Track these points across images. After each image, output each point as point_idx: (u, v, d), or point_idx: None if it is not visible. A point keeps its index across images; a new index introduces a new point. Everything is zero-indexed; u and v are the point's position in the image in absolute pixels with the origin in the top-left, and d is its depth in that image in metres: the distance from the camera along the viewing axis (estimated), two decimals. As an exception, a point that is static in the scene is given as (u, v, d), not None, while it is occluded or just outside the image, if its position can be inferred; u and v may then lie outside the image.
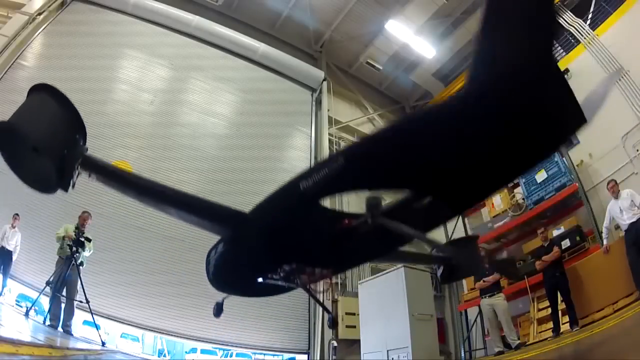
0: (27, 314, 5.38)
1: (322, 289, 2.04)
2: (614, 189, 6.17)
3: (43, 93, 1.44)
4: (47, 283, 5.45)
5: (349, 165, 1.42)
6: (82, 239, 5.70)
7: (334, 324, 2.16)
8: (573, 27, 10.34)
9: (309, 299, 9.46)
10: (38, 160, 1.35)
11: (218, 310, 2.09)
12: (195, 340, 8.05)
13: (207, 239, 8.22)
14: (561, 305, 6.27)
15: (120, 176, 1.72)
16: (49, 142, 1.31)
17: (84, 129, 1.50)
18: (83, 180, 6.63)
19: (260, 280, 1.93)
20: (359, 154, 1.41)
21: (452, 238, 2.48)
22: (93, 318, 5.69)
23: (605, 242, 6.21)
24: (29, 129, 1.28)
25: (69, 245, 5.58)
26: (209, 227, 1.90)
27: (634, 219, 5.69)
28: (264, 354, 8.63)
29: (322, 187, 1.49)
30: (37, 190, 1.57)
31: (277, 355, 8.79)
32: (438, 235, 11.54)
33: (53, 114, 1.40)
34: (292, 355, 8.89)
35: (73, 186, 1.46)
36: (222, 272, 2.00)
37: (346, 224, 1.62)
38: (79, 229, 5.80)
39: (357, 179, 1.48)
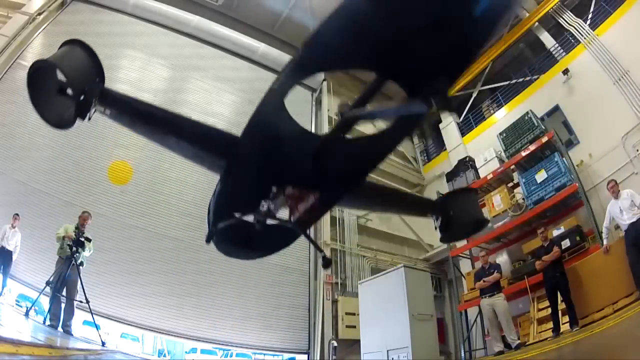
0: (27, 314, 5.38)
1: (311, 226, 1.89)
2: (614, 189, 6.16)
3: (73, 44, 1.74)
4: (47, 283, 5.45)
5: (309, 50, 1.50)
6: (82, 239, 5.70)
7: (327, 263, 2.14)
8: (573, 27, 10.35)
9: (309, 298, 9.48)
10: (61, 100, 1.62)
11: (209, 237, 2.04)
12: (195, 340, 8.05)
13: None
14: (561, 305, 6.27)
15: (134, 106, 1.93)
16: (75, 76, 1.59)
17: (104, 74, 1.81)
18: (83, 180, 6.62)
19: (255, 217, 1.97)
20: (314, 39, 1.48)
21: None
22: (93, 318, 5.68)
23: (605, 242, 6.20)
24: (61, 63, 1.57)
25: (69, 245, 5.57)
26: (206, 158, 1.97)
27: (634, 219, 5.68)
28: (264, 354, 8.63)
29: (290, 77, 1.60)
30: (55, 125, 1.82)
31: (277, 355, 8.79)
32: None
33: (80, 57, 1.69)
34: (292, 355, 8.89)
35: (89, 119, 1.73)
36: (219, 211, 2.03)
37: (323, 138, 1.73)
38: (79, 229, 5.80)
39: (319, 60, 1.55)
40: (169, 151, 2.25)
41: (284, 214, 1.97)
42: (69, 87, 1.58)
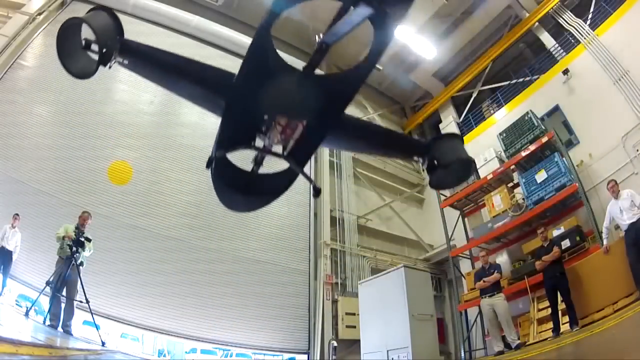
0: (27, 314, 5.38)
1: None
2: (614, 188, 6.15)
3: (97, 9, 2.06)
4: (47, 283, 5.45)
5: None
6: (82, 239, 5.70)
7: (317, 192, 2.16)
8: (573, 27, 10.35)
9: (309, 298, 9.48)
10: (85, 55, 1.89)
11: (208, 162, 2.21)
12: (195, 340, 8.05)
13: (206, 240, 8.26)
14: (561, 305, 6.26)
15: (149, 53, 2.10)
16: (101, 30, 1.88)
17: (123, 31, 2.02)
18: (83, 180, 6.61)
19: (254, 155, 2.20)
20: None
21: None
22: (93, 318, 5.68)
23: (605, 242, 6.20)
24: (90, 20, 1.88)
25: (69, 245, 5.57)
26: (209, 96, 2.15)
27: (633, 219, 5.68)
28: (264, 354, 8.63)
29: (272, 14, 1.70)
30: (78, 75, 2.00)
31: (277, 355, 8.79)
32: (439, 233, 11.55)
33: (104, 17, 1.98)
34: (292, 355, 8.89)
35: (110, 67, 1.94)
36: (220, 144, 2.19)
37: (305, 70, 1.92)
38: (79, 229, 5.79)
39: None
40: (178, 96, 2.43)
41: (278, 149, 2.15)
42: (96, 40, 1.84)
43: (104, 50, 1.85)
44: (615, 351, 3.42)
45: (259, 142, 2.10)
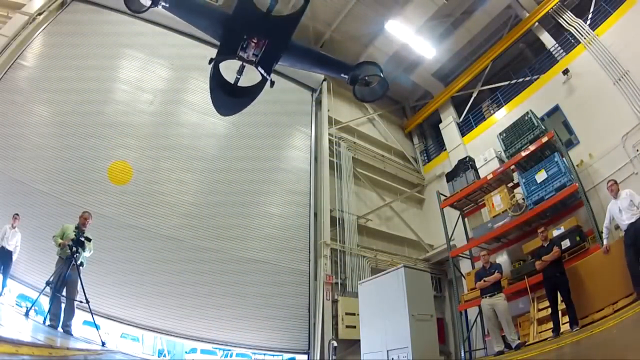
0: (27, 314, 5.38)
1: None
2: (613, 188, 6.12)
3: None
4: (47, 283, 5.44)
5: None
6: (83, 239, 5.69)
7: (272, 84, 3.52)
8: (573, 27, 10.35)
9: (309, 298, 9.47)
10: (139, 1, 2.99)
11: (210, 60, 3.37)
12: (195, 340, 8.05)
13: (206, 240, 8.26)
14: (561, 305, 6.26)
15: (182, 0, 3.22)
16: None
17: None
18: (83, 180, 6.62)
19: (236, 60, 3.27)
20: None
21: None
22: (93, 318, 5.67)
23: (605, 242, 6.19)
24: None
25: (69, 245, 5.57)
26: (215, 27, 3.29)
27: (632, 220, 5.67)
28: (264, 354, 8.63)
29: None
30: (136, 10, 3.06)
31: (277, 355, 8.79)
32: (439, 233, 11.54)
33: None
34: (292, 355, 8.89)
35: (157, 6, 2.99)
36: (218, 54, 3.32)
37: (266, 12, 3.06)
38: (79, 229, 5.79)
39: None
40: (194, 27, 3.44)
41: (252, 59, 3.26)
42: None
43: None
44: (615, 351, 3.42)
45: (241, 53, 3.21)
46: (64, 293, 5.54)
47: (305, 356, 8.87)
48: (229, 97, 3.59)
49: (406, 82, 14.96)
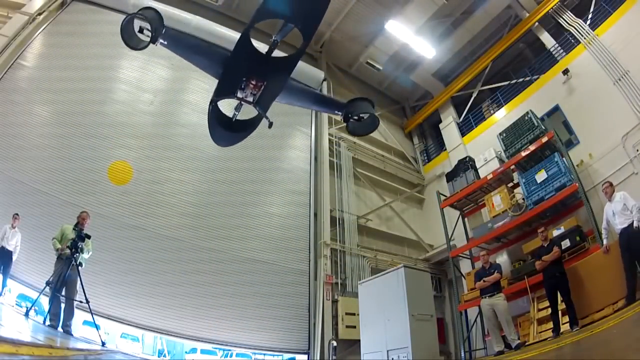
0: (27, 314, 5.38)
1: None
2: (607, 190, 6.12)
3: (146, 9, 2.99)
4: (47, 283, 5.44)
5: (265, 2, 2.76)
6: (83, 235, 5.68)
7: (270, 124, 3.60)
8: (573, 27, 10.35)
9: (309, 298, 9.47)
10: (137, 36, 2.93)
11: (210, 102, 3.47)
12: (195, 340, 8.05)
13: (206, 240, 8.25)
14: (561, 305, 6.26)
15: (179, 37, 3.23)
16: (152, 20, 2.89)
17: (164, 21, 2.97)
18: (83, 180, 6.60)
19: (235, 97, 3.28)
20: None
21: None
22: (93, 318, 5.68)
23: (605, 242, 6.18)
24: (145, 14, 2.92)
25: (68, 246, 5.57)
26: (214, 65, 3.29)
27: (625, 225, 5.64)
28: (264, 354, 8.63)
29: (252, 21, 2.85)
30: (134, 47, 2.96)
31: (277, 355, 8.79)
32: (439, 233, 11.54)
33: (151, 12, 2.96)
34: (292, 355, 8.89)
35: (156, 44, 2.95)
36: (217, 93, 3.31)
37: (266, 54, 3.11)
38: (78, 226, 5.78)
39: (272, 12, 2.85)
40: (194, 65, 3.38)
41: (250, 99, 3.29)
42: (149, 26, 2.86)
43: (154, 33, 2.86)
44: (615, 351, 3.42)
45: (239, 94, 3.24)
46: (63, 293, 5.54)
47: (305, 356, 8.87)
48: (227, 132, 3.63)
49: (406, 82, 14.96)
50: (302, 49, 3.13)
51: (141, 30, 2.89)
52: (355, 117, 3.52)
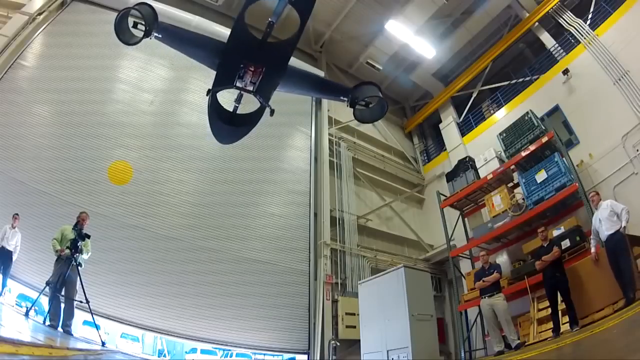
0: (27, 314, 5.38)
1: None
2: (594, 199, 6.24)
3: (141, 4, 2.85)
4: (47, 283, 5.44)
5: None
6: (83, 234, 5.68)
7: (272, 111, 3.41)
8: (573, 27, 10.35)
9: (309, 298, 9.47)
10: (131, 31, 2.91)
11: (208, 92, 3.34)
12: (195, 340, 8.05)
13: (206, 240, 8.26)
14: (561, 305, 6.26)
15: (173, 30, 3.08)
16: (146, 14, 2.80)
17: (157, 15, 2.86)
18: (83, 180, 6.61)
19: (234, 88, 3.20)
20: None
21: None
22: (93, 318, 5.68)
23: (593, 249, 6.18)
24: (140, 8, 2.80)
25: (68, 247, 5.58)
26: (210, 57, 3.19)
27: (612, 231, 5.66)
28: (264, 354, 8.63)
29: (245, 5, 2.79)
30: (127, 41, 2.95)
31: (277, 355, 8.79)
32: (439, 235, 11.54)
33: (146, 7, 2.84)
34: (292, 355, 8.89)
35: (150, 38, 2.85)
36: (216, 84, 3.25)
37: (262, 39, 2.95)
38: (78, 226, 5.78)
39: None
40: (189, 58, 3.30)
41: (249, 86, 3.18)
42: (143, 20, 2.78)
43: (148, 27, 2.79)
44: (615, 351, 3.42)
45: (238, 83, 3.14)
46: (63, 293, 5.54)
47: (305, 356, 8.87)
48: (228, 126, 3.51)
49: (406, 82, 14.96)
50: (300, 30, 2.97)
51: (135, 26, 2.85)
52: (363, 103, 3.31)
